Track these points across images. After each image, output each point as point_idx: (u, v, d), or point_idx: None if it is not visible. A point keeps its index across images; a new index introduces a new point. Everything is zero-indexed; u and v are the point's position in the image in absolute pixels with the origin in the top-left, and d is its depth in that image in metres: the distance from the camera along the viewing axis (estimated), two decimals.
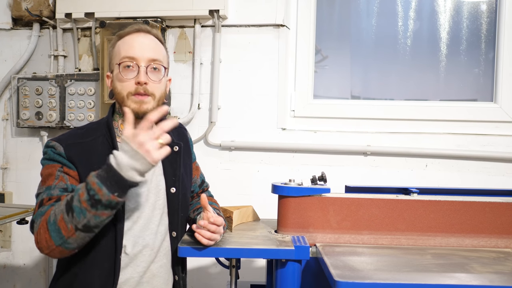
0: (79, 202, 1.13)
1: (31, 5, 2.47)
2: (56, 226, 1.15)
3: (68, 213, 1.14)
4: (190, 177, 1.56)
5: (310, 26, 2.46)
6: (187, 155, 1.54)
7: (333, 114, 2.45)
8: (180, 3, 2.34)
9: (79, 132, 1.38)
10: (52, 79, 2.49)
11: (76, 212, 1.13)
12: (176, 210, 1.43)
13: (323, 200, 1.54)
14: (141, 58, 1.33)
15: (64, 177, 1.27)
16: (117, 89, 1.34)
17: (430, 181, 2.33)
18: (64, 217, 1.14)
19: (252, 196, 2.38)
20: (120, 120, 1.39)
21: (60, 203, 1.18)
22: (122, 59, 1.32)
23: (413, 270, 1.25)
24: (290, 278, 1.38)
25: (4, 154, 2.64)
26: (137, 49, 1.33)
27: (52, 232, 1.16)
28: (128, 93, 1.32)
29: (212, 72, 2.45)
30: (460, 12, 2.42)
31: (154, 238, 1.39)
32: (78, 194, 1.14)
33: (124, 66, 1.32)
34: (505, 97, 2.35)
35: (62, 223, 1.15)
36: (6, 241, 2.63)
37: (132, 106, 1.31)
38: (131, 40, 1.35)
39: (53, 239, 1.16)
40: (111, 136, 1.35)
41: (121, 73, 1.32)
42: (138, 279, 1.36)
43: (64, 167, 1.29)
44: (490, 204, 1.55)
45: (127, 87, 1.32)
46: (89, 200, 1.12)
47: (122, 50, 1.34)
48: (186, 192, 1.50)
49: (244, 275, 2.30)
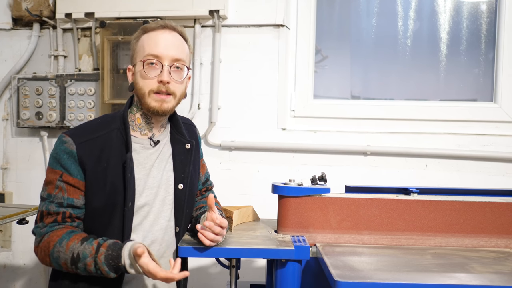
0: (84, 265, 1.23)
1: (31, 5, 2.47)
2: (58, 262, 1.27)
3: (72, 265, 1.25)
4: (198, 174, 1.58)
5: (310, 26, 2.46)
6: (197, 153, 1.55)
7: (333, 114, 2.45)
8: (180, 3, 2.34)
9: (93, 125, 1.39)
10: (52, 79, 2.49)
11: (80, 270, 1.25)
12: (182, 207, 1.45)
13: (323, 200, 1.54)
14: (165, 56, 1.34)
15: (63, 188, 1.30)
16: (138, 85, 1.36)
17: (430, 181, 2.33)
18: (67, 264, 1.25)
19: (252, 196, 2.38)
20: (138, 113, 1.40)
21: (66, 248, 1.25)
22: (146, 57, 1.33)
23: (413, 270, 1.25)
24: (290, 278, 1.38)
25: (4, 154, 2.64)
26: (161, 47, 1.34)
27: (54, 263, 1.28)
28: (149, 91, 1.34)
29: (212, 72, 2.45)
30: (460, 12, 2.42)
31: (164, 233, 1.41)
32: (86, 262, 1.23)
33: (148, 63, 1.33)
34: (505, 97, 2.35)
35: (65, 266, 1.26)
36: (6, 241, 2.63)
37: (152, 104, 1.34)
38: (156, 36, 1.35)
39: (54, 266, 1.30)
40: (126, 130, 1.36)
41: (145, 70, 1.33)
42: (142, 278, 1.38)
43: (64, 175, 1.30)
44: (490, 204, 1.55)
45: (150, 84, 1.34)
46: (94, 272, 1.24)
47: (146, 46, 1.35)
48: (193, 189, 1.51)
49: (244, 275, 2.30)
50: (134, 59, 1.38)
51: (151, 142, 1.41)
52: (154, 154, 1.41)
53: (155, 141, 1.41)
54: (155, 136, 1.42)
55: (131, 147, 1.34)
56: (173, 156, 1.46)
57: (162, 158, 1.43)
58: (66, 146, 1.31)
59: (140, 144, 1.39)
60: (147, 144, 1.40)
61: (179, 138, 1.47)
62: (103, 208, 1.31)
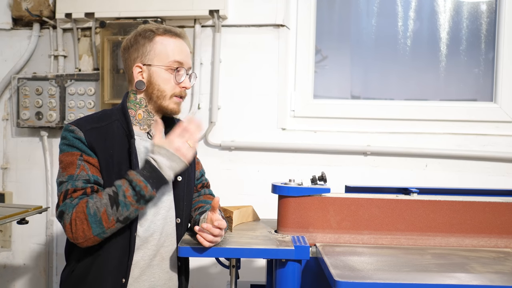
0: (124, 197, 1.27)
1: (31, 5, 2.47)
2: (97, 218, 1.26)
3: (113, 207, 1.27)
4: (194, 169, 1.62)
5: (310, 26, 2.46)
6: None
7: (333, 114, 2.45)
8: (180, 3, 2.35)
9: (94, 117, 1.45)
10: (52, 79, 2.49)
11: (121, 205, 1.27)
12: (181, 198, 1.50)
13: (323, 200, 1.54)
14: (186, 64, 1.47)
15: (85, 167, 1.34)
16: (159, 87, 1.44)
17: (430, 181, 2.33)
18: (107, 210, 1.26)
19: (252, 196, 2.38)
20: (141, 110, 1.47)
21: (100, 197, 1.28)
22: (173, 63, 1.43)
23: (413, 270, 1.25)
24: (290, 278, 1.38)
25: (4, 154, 2.64)
26: (184, 55, 1.47)
27: (92, 224, 1.26)
28: (172, 94, 1.45)
29: (212, 72, 2.45)
30: (460, 12, 2.42)
31: (164, 223, 1.45)
32: (123, 189, 1.28)
33: (174, 68, 1.43)
34: (505, 97, 2.35)
35: (105, 216, 1.26)
36: (6, 241, 2.63)
37: (171, 106, 1.46)
38: (178, 44, 1.46)
39: (92, 229, 1.27)
40: (127, 121, 1.42)
41: (173, 75, 1.44)
42: (148, 262, 1.42)
43: (84, 155, 1.35)
44: (490, 204, 1.55)
45: (174, 88, 1.45)
46: (135, 196, 1.28)
47: (171, 52, 1.44)
48: (190, 181, 1.57)
49: (244, 275, 2.30)
50: (149, 60, 1.43)
51: (149, 136, 1.48)
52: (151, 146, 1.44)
53: (152, 135, 1.48)
54: (152, 131, 1.49)
55: (133, 133, 1.42)
56: None
57: None
58: (75, 133, 1.36)
59: (139, 136, 1.45)
60: (145, 137, 1.47)
61: None
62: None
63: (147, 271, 1.42)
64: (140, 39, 1.44)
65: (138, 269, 1.41)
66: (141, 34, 1.45)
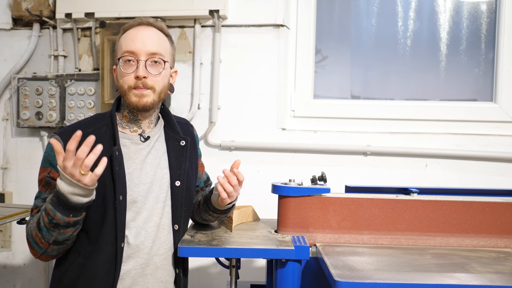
0: (43, 223, 1.23)
1: (31, 5, 2.47)
2: (34, 239, 1.27)
3: (39, 231, 1.25)
4: (196, 172, 1.57)
5: (310, 26, 2.46)
6: (193, 151, 1.55)
7: (333, 114, 2.45)
8: (180, 3, 2.35)
9: (82, 123, 1.42)
10: (52, 79, 2.49)
11: (43, 231, 1.24)
12: (179, 204, 1.45)
13: (323, 200, 1.54)
14: (141, 52, 1.34)
15: (51, 184, 1.33)
16: (119, 83, 1.38)
17: (430, 181, 2.33)
18: (38, 234, 1.26)
19: (252, 196, 2.37)
20: (125, 111, 1.43)
21: (34, 220, 1.28)
22: (122, 54, 1.36)
23: (413, 270, 1.25)
24: (290, 278, 1.38)
25: (4, 154, 2.64)
26: (137, 43, 1.35)
27: (33, 244, 1.28)
28: (128, 87, 1.35)
29: (212, 72, 2.45)
30: (460, 12, 2.42)
31: (157, 230, 1.40)
32: (42, 216, 1.23)
33: (124, 60, 1.35)
34: (505, 97, 2.35)
35: (37, 238, 1.26)
36: (6, 241, 2.63)
37: (132, 99, 1.35)
38: (132, 34, 1.37)
39: (35, 249, 1.28)
40: (113, 125, 1.38)
41: (122, 67, 1.36)
42: (141, 271, 1.38)
43: (52, 171, 1.33)
44: (490, 204, 1.55)
45: (128, 81, 1.35)
46: (50, 223, 1.22)
47: (123, 44, 1.37)
48: (190, 186, 1.50)
49: (244, 275, 2.30)
50: (116, 58, 1.40)
51: (141, 138, 1.42)
52: (145, 149, 1.42)
53: (145, 137, 1.42)
54: (145, 133, 1.43)
55: (118, 141, 1.36)
56: (168, 153, 1.46)
57: (156, 154, 1.44)
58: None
59: (130, 140, 1.41)
60: (137, 140, 1.42)
61: (173, 135, 1.49)
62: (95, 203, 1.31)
63: (139, 280, 1.37)
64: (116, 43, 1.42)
65: (129, 279, 1.36)
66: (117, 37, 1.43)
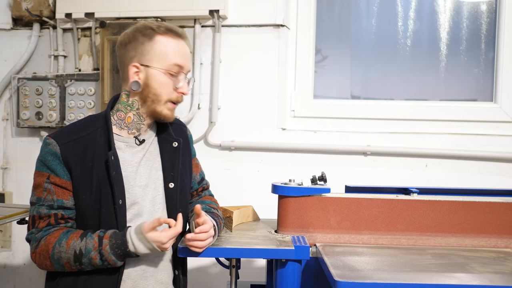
0: (89, 260, 1.26)
1: (31, 5, 2.47)
2: (60, 263, 1.28)
3: (76, 262, 1.26)
4: (190, 173, 1.55)
5: (310, 26, 2.46)
6: (186, 151, 1.54)
7: (333, 114, 2.45)
8: (180, 3, 2.35)
9: (77, 126, 1.39)
10: (52, 79, 2.49)
11: (84, 265, 1.27)
12: (174, 205, 1.44)
13: (323, 200, 1.54)
14: (186, 68, 1.38)
15: (51, 190, 1.31)
16: (156, 90, 1.35)
17: (430, 181, 2.33)
18: (70, 262, 1.27)
19: (252, 196, 2.38)
20: (131, 112, 1.38)
21: (67, 247, 1.26)
22: (172, 66, 1.34)
23: (413, 270, 1.26)
24: (290, 278, 1.38)
25: (4, 154, 2.64)
26: (185, 58, 1.37)
27: (55, 265, 1.28)
28: (168, 99, 1.37)
29: (212, 72, 2.45)
30: (460, 12, 2.42)
31: None
32: (91, 256, 1.25)
33: (172, 72, 1.35)
34: (505, 97, 2.35)
35: (68, 265, 1.28)
36: (6, 241, 2.63)
37: (165, 112, 1.37)
38: (179, 46, 1.37)
39: (55, 268, 1.29)
40: (108, 129, 1.35)
41: (169, 77, 1.35)
42: (141, 273, 1.38)
43: (52, 176, 1.31)
44: (490, 204, 1.55)
45: (170, 93, 1.36)
46: (100, 261, 1.26)
47: (171, 54, 1.34)
48: (185, 187, 1.49)
49: (244, 275, 2.30)
50: (148, 60, 1.33)
51: (136, 141, 1.41)
52: (140, 152, 1.41)
53: (140, 140, 1.41)
54: (140, 136, 1.42)
55: (114, 145, 1.34)
56: (161, 155, 1.45)
57: (149, 157, 1.43)
58: (50, 147, 1.32)
59: (125, 143, 1.39)
60: (132, 143, 1.40)
61: (166, 137, 1.47)
62: (93, 208, 1.31)
63: (140, 282, 1.37)
64: (139, 37, 1.34)
65: (130, 281, 1.36)
66: (141, 31, 1.34)
